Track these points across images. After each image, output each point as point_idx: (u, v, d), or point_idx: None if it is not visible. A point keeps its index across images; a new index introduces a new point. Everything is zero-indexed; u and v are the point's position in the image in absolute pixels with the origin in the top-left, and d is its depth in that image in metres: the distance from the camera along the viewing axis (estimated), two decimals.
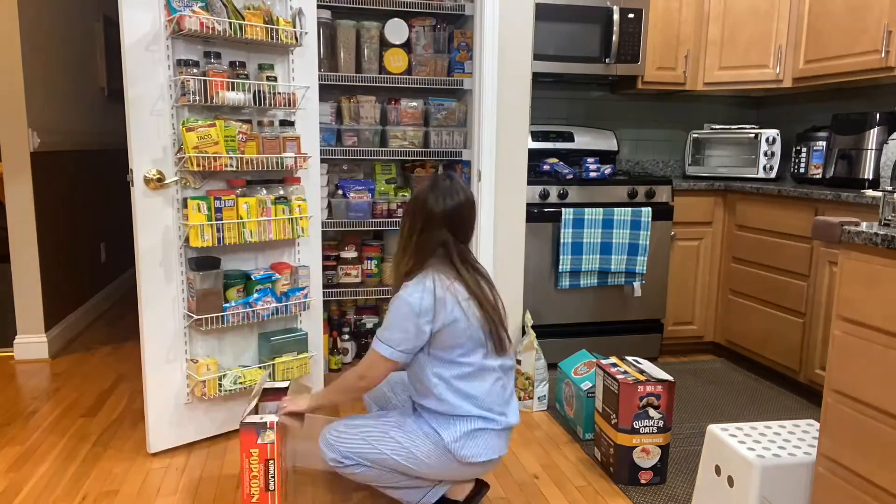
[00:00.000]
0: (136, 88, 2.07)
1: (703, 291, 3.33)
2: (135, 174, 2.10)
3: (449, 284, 1.69)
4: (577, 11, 3.12)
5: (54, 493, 2.02)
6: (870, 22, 2.73)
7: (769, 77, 3.24)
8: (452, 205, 1.73)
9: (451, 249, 1.74)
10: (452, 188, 1.75)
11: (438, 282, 1.68)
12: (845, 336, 1.44)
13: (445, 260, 1.73)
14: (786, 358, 2.89)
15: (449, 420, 1.72)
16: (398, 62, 2.88)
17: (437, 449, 1.71)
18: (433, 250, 1.74)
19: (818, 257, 2.70)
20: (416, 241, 1.74)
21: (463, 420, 1.72)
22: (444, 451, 1.70)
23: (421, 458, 1.71)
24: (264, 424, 1.81)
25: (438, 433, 1.71)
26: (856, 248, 1.41)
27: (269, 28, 2.20)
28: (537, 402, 2.71)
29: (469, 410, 1.71)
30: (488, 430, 1.73)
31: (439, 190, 1.74)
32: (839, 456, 1.45)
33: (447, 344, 1.69)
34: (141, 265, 2.15)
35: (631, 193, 3.12)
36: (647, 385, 2.05)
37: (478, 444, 1.72)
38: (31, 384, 2.90)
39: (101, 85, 4.24)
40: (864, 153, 2.86)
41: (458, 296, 1.68)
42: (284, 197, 2.30)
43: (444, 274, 1.70)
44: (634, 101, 3.76)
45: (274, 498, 1.85)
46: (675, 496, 2.05)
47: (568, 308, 3.12)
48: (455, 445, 1.70)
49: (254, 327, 2.42)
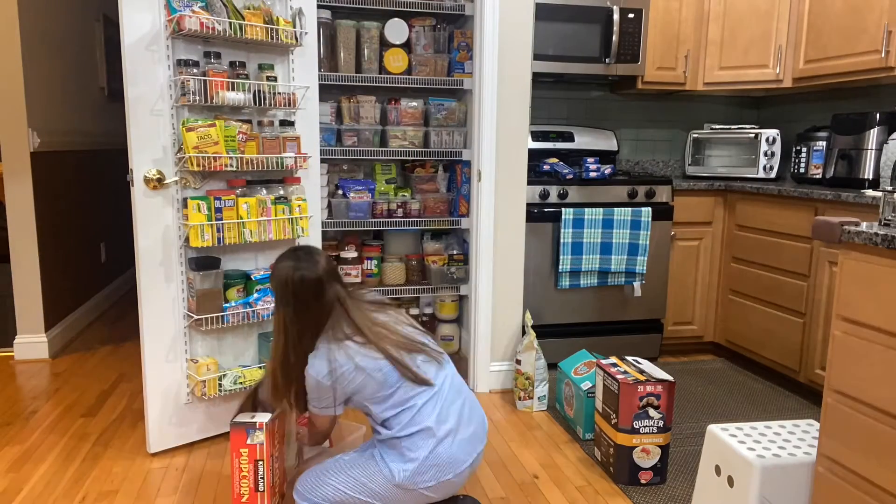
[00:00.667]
0: (136, 88, 2.07)
1: (703, 291, 3.33)
2: (135, 174, 2.10)
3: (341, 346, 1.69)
4: (577, 11, 3.12)
5: (54, 493, 2.02)
6: (870, 22, 2.73)
7: (769, 77, 3.24)
8: (327, 257, 1.78)
9: (346, 301, 1.74)
10: (308, 249, 1.77)
11: (335, 347, 1.69)
12: (845, 336, 1.44)
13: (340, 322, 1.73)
14: (786, 358, 2.89)
15: (400, 451, 1.69)
16: (398, 62, 2.88)
17: (389, 483, 1.68)
18: (327, 316, 1.74)
19: (818, 257, 2.70)
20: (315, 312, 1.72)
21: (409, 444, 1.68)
22: (398, 486, 1.68)
23: (381, 493, 1.69)
24: (253, 424, 1.81)
25: (389, 468, 1.68)
26: (856, 248, 1.41)
27: (269, 28, 2.20)
28: (537, 402, 2.71)
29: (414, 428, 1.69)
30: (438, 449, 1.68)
31: (306, 255, 1.75)
32: (839, 456, 1.45)
33: (372, 390, 1.69)
34: (141, 265, 2.15)
35: (631, 193, 3.12)
36: (647, 385, 2.05)
37: (428, 474, 1.67)
38: (31, 384, 2.90)
39: (101, 85, 4.24)
40: (864, 153, 2.86)
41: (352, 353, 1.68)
42: (284, 197, 2.30)
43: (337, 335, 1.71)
44: (634, 101, 3.76)
45: (264, 498, 1.84)
46: (675, 496, 2.05)
47: (568, 308, 3.12)
48: (403, 476, 1.66)
49: (254, 327, 2.42)
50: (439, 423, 1.69)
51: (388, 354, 1.69)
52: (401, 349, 1.72)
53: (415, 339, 1.78)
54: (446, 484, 1.70)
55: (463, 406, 1.76)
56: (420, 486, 1.68)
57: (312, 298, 1.72)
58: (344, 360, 1.67)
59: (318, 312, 1.73)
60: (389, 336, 1.73)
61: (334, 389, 1.69)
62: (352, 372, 1.67)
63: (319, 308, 1.73)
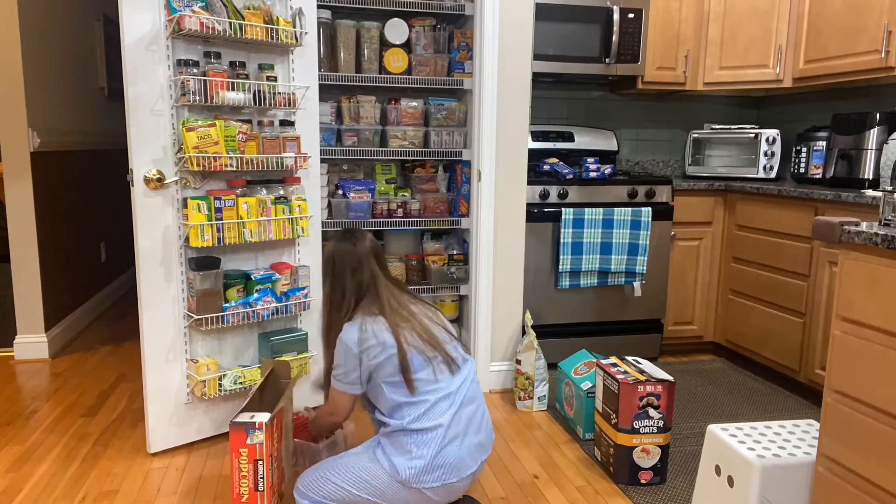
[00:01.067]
0: (136, 88, 2.07)
1: (703, 291, 3.33)
2: (135, 174, 2.10)
3: (375, 320, 1.76)
4: (577, 11, 3.12)
5: (54, 493, 2.02)
6: (870, 22, 2.73)
7: (769, 77, 3.24)
8: (372, 239, 1.89)
9: (380, 284, 1.84)
10: (357, 230, 1.91)
11: (370, 320, 1.76)
12: (845, 336, 1.44)
13: (375, 299, 1.82)
14: (786, 358, 2.89)
15: (405, 447, 1.69)
16: (398, 62, 2.88)
17: (392, 479, 1.68)
18: (366, 291, 1.84)
19: (818, 257, 2.70)
20: (351, 285, 1.84)
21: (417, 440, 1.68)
22: (401, 482, 1.68)
23: (383, 490, 1.68)
24: (253, 424, 1.81)
25: (392, 462, 1.68)
26: (856, 248, 1.41)
27: (269, 28, 2.20)
28: (537, 402, 2.71)
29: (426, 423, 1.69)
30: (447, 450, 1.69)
31: (350, 235, 1.88)
32: (839, 456, 1.45)
33: (390, 371, 1.72)
34: (141, 265, 2.15)
35: (631, 193, 3.12)
36: (647, 385, 2.05)
37: (434, 474, 1.68)
38: (31, 384, 2.90)
39: (101, 85, 4.24)
40: (864, 153, 2.86)
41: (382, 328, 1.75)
42: (284, 197, 2.30)
43: (372, 310, 1.79)
44: (634, 101, 3.76)
45: (263, 498, 1.84)
46: (675, 496, 2.05)
47: (568, 308, 3.12)
48: (409, 473, 1.66)
49: (254, 327, 2.42)
50: (451, 424, 1.70)
51: (398, 339, 1.72)
52: (420, 341, 1.75)
53: (436, 336, 1.79)
54: (449, 488, 1.70)
55: (475, 412, 1.77)
56: (424, 486, 1.67)
57: (349, 274, 1.83)
58: (373, 332, 1.73)
59: (354, 287, 1.84)
60: (413, 325, 1.77)
61: (360, 361, 1.73)
62: (378, 346, 1.72)
63: (356, 284, 1.84)
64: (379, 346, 1.72)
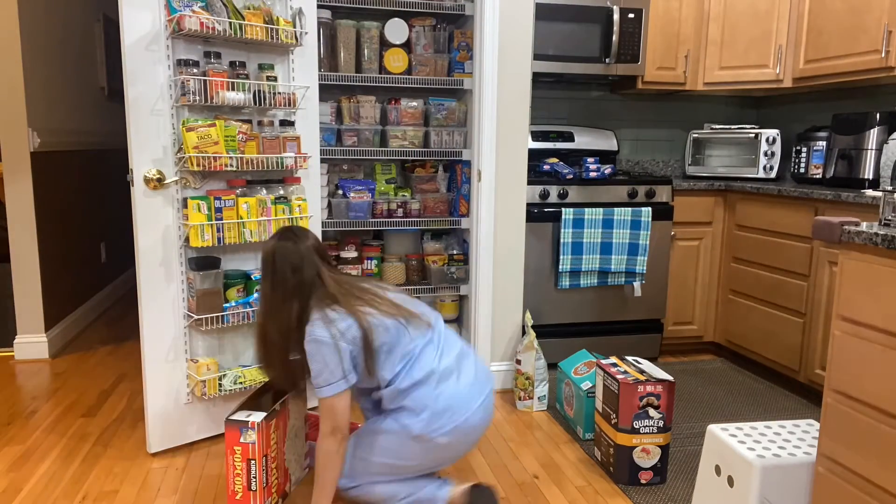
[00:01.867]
0: (136, 88, 2.07)
1: (703, 291, 3.33)
2: (135, 174, 2.10)
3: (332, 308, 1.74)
4: (577, 11, 3.12)
5: (54, 493, 2.02)
6: (870, 22, 2.73)
7: (769, 77, 3.24)
8: (315, 238, 1.84)
9: (325, 276, 1.79)
10: (298, 228, 1.86)
11: (328, 310, 1.73)
12: (845, 336, 1.44)
13: (324, 292, 1.77)
14: (786, 358, 2.89)
15: (407, 409, 1.74)
16: (398, 62, 2.88)
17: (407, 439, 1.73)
18: (310, 289, 1.78)
19: (818, 257, 2.70)
20: (293, 285, 1.77)
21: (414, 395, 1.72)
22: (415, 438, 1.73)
23: (402, 451, 1.74)
24: (246, 423, 1.81)
25: (402, 423, 1.73)
26: (856, 248, 1.41)
27: (269, 28, 2.20)
28: (537, 402, 2.71)
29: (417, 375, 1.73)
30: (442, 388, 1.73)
31: (291, 233, 1.82)
32: (839, 456, 1.45)
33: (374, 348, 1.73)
34: (141, 265, 2.15)
35: (631, 193, 3.12)
36: (647, 385, 2.05)
37: (443, 418, 1.72)
38: (31, 384, 2.90)
39: (101, 85, 4.24)
40: (864, 153, 2.86)
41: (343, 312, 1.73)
42: (284, 197, 2.31)
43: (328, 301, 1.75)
44: (634, 101, 3.76)
45: (256, 498, 1.84)
46: (675, 496, 2.05)
47: (568, 308, 3.12)
48: (420, 426, 1.71)
49: (254, 327, 2.41)
50: (441, 366, 1.75)
51: (358, 318, 1.71)
52: (382, 311, 1.76)
53: (395, 302, 1.80)
54: (463, 429, 1.73)
55: (462, 350, 1.84)
56: (438, 434, 1.71)
57: (290, 273, 1.77)
58: (337, 317, 1.72)
59: (296, 286, 1.77)
60: (369, 299, 1.76)
61: (338, 349, 1.69)
62: (348, 327, 1.70)
63: (298, 282, 1.77)
64: (347, 326, 1.71)
